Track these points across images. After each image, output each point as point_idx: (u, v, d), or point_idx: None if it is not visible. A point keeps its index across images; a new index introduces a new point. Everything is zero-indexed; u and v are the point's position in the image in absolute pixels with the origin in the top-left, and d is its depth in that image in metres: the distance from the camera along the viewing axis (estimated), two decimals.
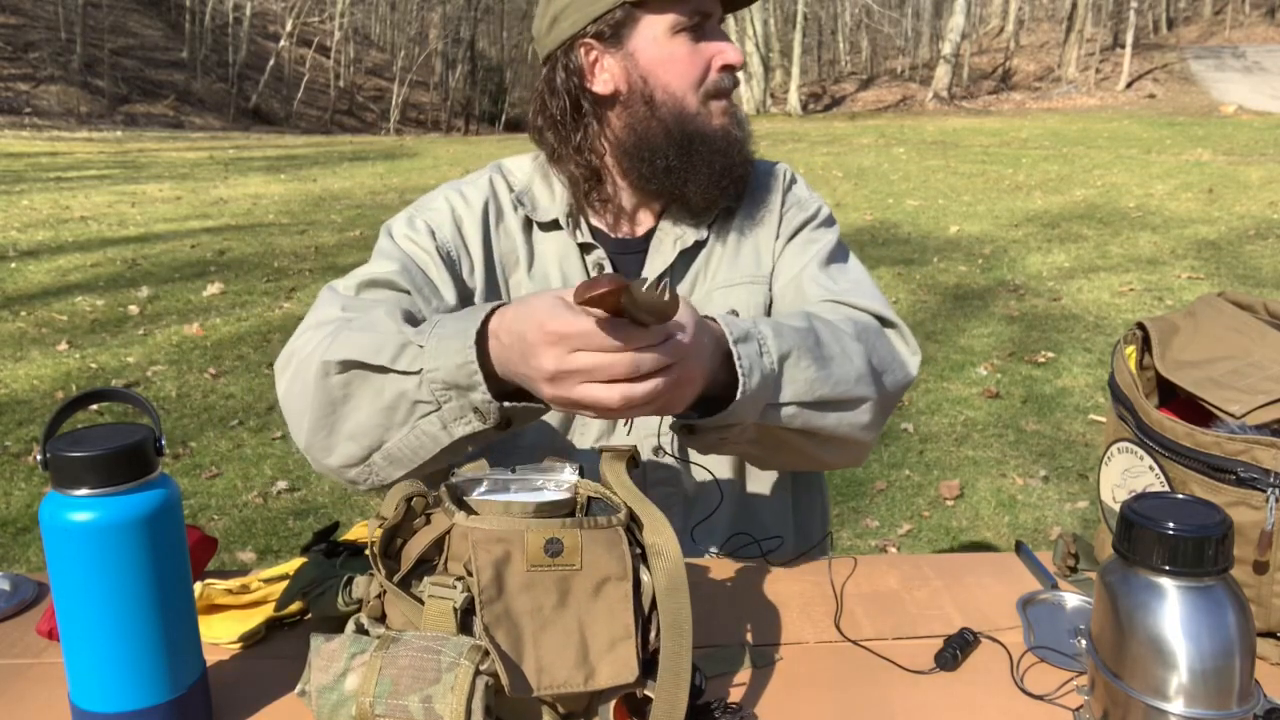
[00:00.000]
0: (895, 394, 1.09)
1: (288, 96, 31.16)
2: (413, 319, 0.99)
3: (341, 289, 1.10)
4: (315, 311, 1.07)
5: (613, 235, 1.24)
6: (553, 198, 1.23)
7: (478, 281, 1.18)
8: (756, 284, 1.22)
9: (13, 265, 7.21)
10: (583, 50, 1.16)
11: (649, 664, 0.78)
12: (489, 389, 0.86)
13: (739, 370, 0.90)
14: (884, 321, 1.14)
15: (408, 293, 1.09)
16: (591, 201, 1.23)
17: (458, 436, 0.90)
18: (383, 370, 0.91)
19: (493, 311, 0.87)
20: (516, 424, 0.91)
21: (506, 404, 0.87)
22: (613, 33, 1.15)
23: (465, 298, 1.16)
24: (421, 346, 0.89)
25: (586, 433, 1.20)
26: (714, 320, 0.92)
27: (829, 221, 1.29)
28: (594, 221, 1.24)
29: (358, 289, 1.10)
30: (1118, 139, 16.18)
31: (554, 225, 1.22)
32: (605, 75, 1.17)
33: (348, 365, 0.93)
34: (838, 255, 1.24)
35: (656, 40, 1.15)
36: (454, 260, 1.17)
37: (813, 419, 0.98)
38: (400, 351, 0.90)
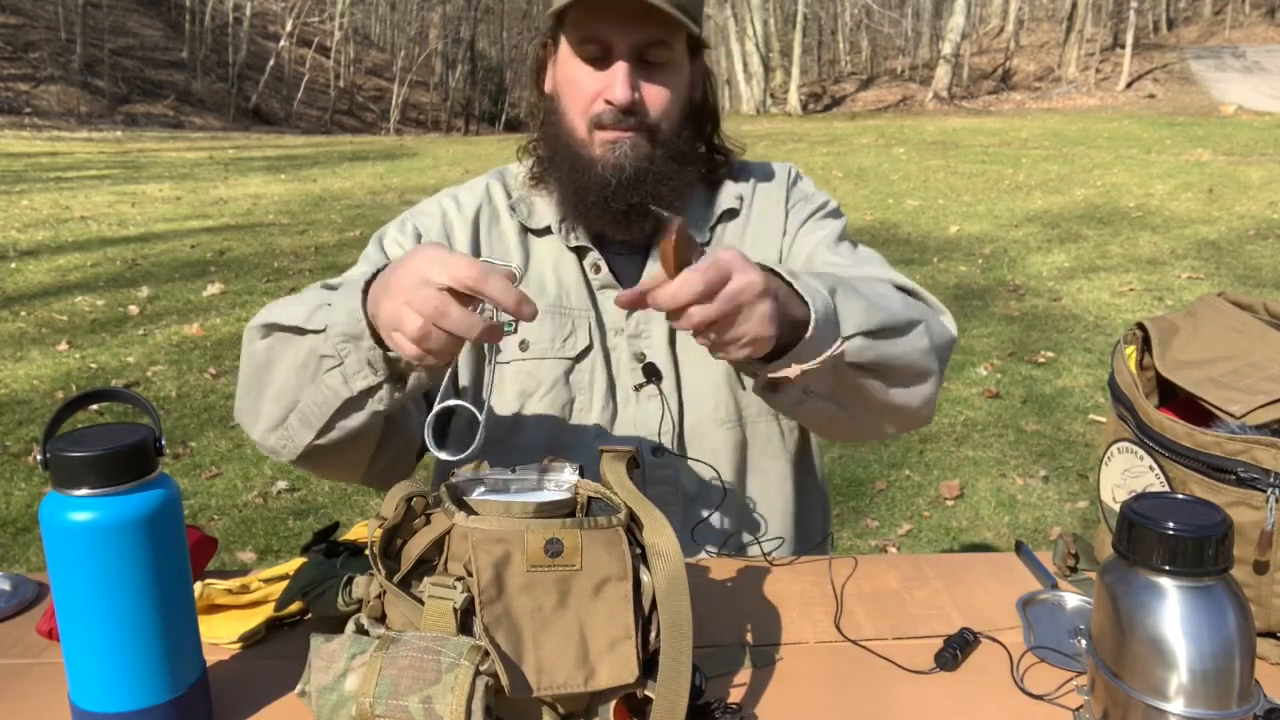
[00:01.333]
0: (942, 343, 1.09)
1: (288, 96, 31.16)
2: None
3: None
4: None
5: (614, 238, 1.24)
6: (549, 203, 1.24)
7: None
8: None
9: (13, 265, 7.21)
10: (545, 49, 1.22)
11: (649, 664, 0.78)
12: (373, 339, 0.88)
13: (803, 296, 0.91)
14: (903, 290, 1.14)
15: None
16: (584, 204, 1.23)
17: (357, 390, 0.93)
18: (299, 331, 0.96)
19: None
20: (412, 385, 0.94)
21: (390, 353, 0.89)
22: (552, 41, 1.20)
23: None
24: (330, 305, 0.93)
25: (586, 420, 1.20)
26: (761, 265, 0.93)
27: (836, 213, 1.30)
28: (595, 225, 1.23)
29: None
30: (1118, 139, 16.18)
31: (546, 231, 1.24)
32: (547, 78, 1.22)
33: (270, 329, 0.98)
34: (844, 241, 1.26)
35: (565, 60, 1.17)
36: None
37: (881, 348, 0.99)
38: (314, 312, 0.94)
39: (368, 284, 0.90)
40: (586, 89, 1.15)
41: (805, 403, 0.99)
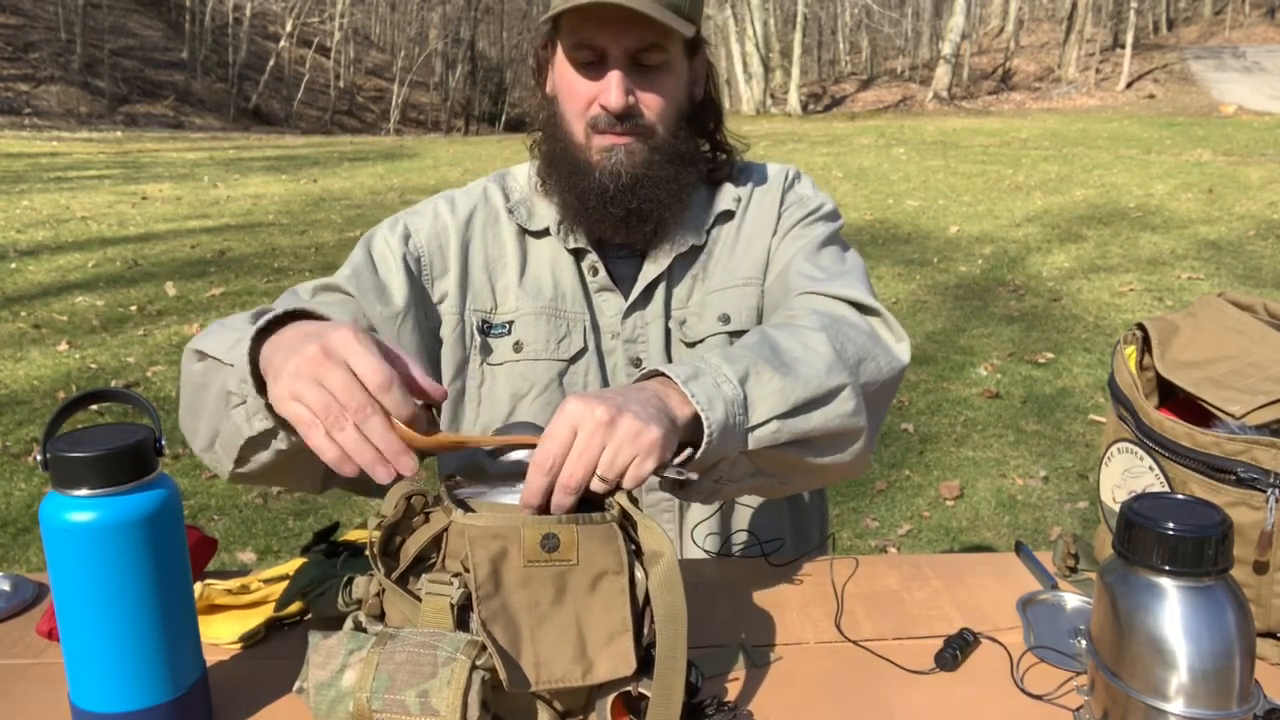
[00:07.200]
0: (883, 381, 1.03)
1: (288, 97, 31.15)
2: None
3: (300, 292, 1.15)
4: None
5: (613, 241, 1.23)
6: (549, 205, 1.23)
7: (450, 285, 1.21)
8: (750, 286, 1.22)
9: (13, 265, 7.21)
10: (545, 50, 1.21)
11: (645, 662, 0.78)
12: (254, 384, 0.85)
13: (697, 407, 0.86)
14: (864, 309, 1.09)
15: (352, 296, 1.14)
16: (585, 209, 1.23)
17: (256, 431, 0.88)
18: (220, 362, 0.93)
19: (296, 314, 0.87)
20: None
21: (269, 403, 0.84)
22: (550, 44, 1.19)
23: (421, 302, 1.19)
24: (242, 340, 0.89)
25: None
26: (661, 373, 0.90)
27: (830, 216, 1.26)
28: (595, 230, 1.23)
29: (313, 292, 1.15)
30: (1118, 139, 16.17)
31: (545, 233, 1.23)
32: (548, 79, 1.22)
33: (203, 355, 0.95)
34: (829, 245, 1.22)
35: (562, 64, 1.17)
36: (422, 266, 1.20)
37: (798, 426, 0.93)
38: (235, 345, 0.90)
39: (262, 330, 0.85)
40: (581, 94, 1.15)
41: (722, 490, 0.94)
